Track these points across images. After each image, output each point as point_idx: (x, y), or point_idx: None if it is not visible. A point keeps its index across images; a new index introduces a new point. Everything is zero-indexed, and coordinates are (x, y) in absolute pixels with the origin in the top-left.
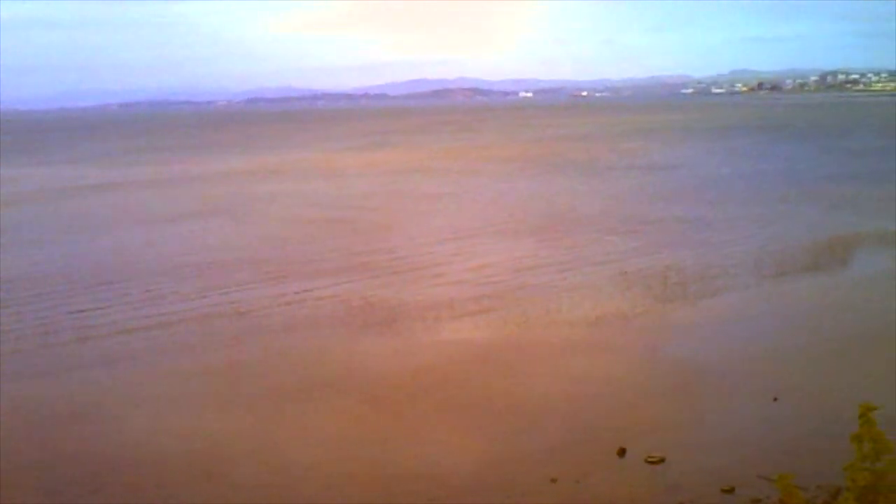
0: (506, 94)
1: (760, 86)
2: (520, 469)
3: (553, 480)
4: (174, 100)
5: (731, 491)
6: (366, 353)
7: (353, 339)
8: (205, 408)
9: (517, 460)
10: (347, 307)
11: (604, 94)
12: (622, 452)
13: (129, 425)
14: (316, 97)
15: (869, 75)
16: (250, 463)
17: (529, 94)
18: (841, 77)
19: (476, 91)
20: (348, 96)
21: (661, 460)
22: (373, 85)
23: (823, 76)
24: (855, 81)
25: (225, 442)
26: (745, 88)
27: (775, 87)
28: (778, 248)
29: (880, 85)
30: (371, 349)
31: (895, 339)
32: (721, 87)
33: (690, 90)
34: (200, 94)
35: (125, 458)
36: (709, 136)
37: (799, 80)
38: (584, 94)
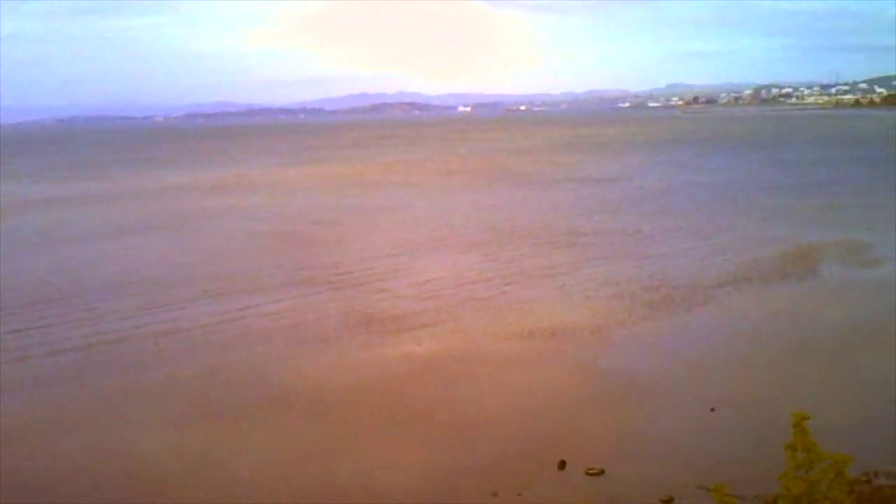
0: (444, 108)
1: (696, 99)
2: (461, 483)
3: (494, 494)
4: (111, 115)
5: (669, 501)
6: (307, 368)
7: (294, 355)
8: (144, 427)
9: (458, 474)
10: (289, 323)
11: (542, 107)
12: (563, 465)
13: (65, 446)
14: (253, 112)
15: (802, 89)
16: (190, 482)
17: (468, 109)
18: (774, 91)
19: (415, 105)
20: (286, 111)
21: (601, 472)
22: (311, 100)
23: (757, 90)
24: (788, 95)
25: (165, 461)
26: (680, 102)
27: (710, 101)
28: (715, 260)
29: (812, 99)
30: (312, 365)
31: (828, 348)
32: (657, 101)
33: (627, 104)
34: (138, 109)
35: (61, 479)
36: (646, 149)
37: (733, 94)
38: (523, 108)
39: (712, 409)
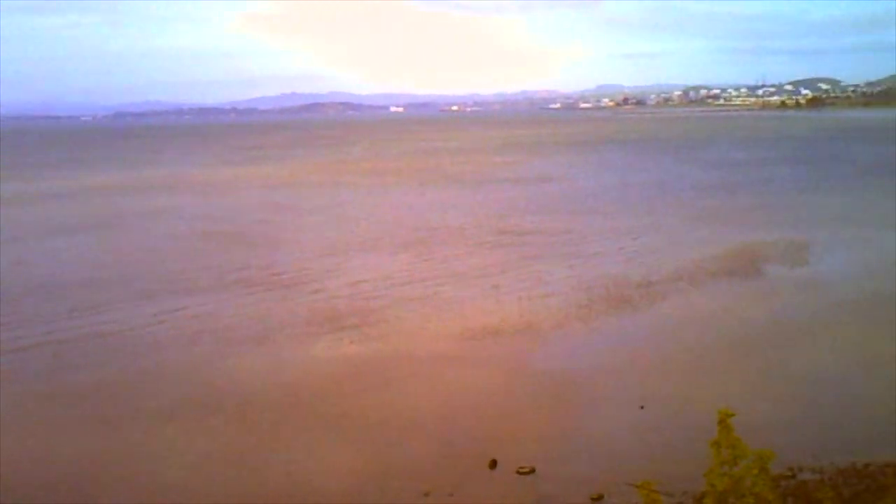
0: (377, 108)
1: (626, 100)
2: (393, 483)
3: (426, 494)
4: (35, 115)
5: (599, 499)
6: (239, 370)
7: (226, 357)
8: (70, 431)
9: (390, 475)
10: (222, 324)
11: (474, 108)
12: (494, 464)
13: None
14: (183, 112)
15: (729, 91)
16: (118, 486)
17: (401, 109)
18: (703, 92)
19: (348, 105)
20: (217, 111)
21: (532, 471)
22: (243, 99)
23: (686, 91)
24: (716, 96)
25: (92, 464)
26: (611, 103)
27: (640, 102)
28: (646, 260)
29: (740, 100)
30: (244, 366)
31: (755, 346)
32: (588, 102)
33: (558, 105)
34: (63, 108)
35: None
36: (577, 149)
37: (663, 95)
38: (455, 108)
39: (642, 407)
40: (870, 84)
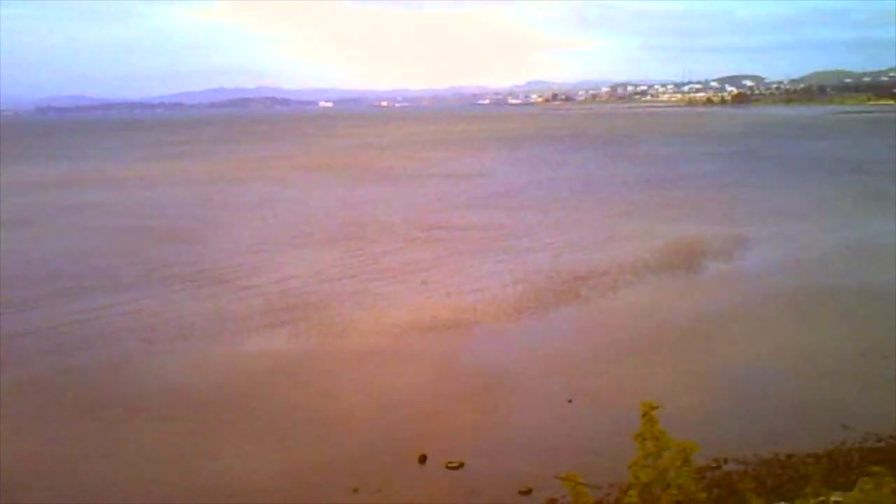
0: (305, 103)
1: (555, 97)
2: (321, 480)
3: (355, 490)
4: None
5: (528, 492)
6: (165, 368)
7: (152, 355)
8: None
9: (318, 471)
10: (148, 322)
11: (403, 104)
12: (423, 459)
13: None
14: (109, 106)
15: (656, 87)
16: (43, 486)
17: (329, 104)
18: (630, 88)
19: (275, 100)
20: (143, 105)
21: (461, 465)
22: (169, 94)
23: (614, 88)
24: (643, 93)
25: (13, 466)
26: (540, 99)
27: (569, 98)
28: (575, 255)
29: (666, 96)
30: (170, 364)
31: (681, 339)
32: (517, 98)
33: (487, 100)
34: None
35: None
36: (507, 145)
37: (591, 91)
38: (384, 103)
39: (569, 401)
40: (793, 81)
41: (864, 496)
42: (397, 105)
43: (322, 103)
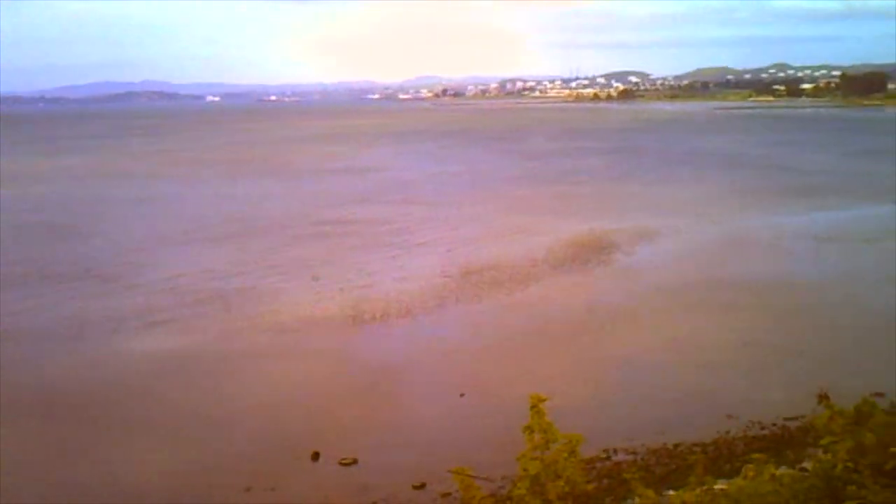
0: (193, 97)
1: (444, 92)
2: (212, 480)
3: (247, 489)
4: None
5: (422, 487)
6: (47, 369)
7: (33, 356)
8: None
9: (209, 471)
10: (29, 322)
11: (293, 98)
12: (316, 456)
13: None
14: None
15: (544, 83)
16: None
17: (217, 99)
18: (519, 84)
19: (162, 95)
20: (23, 100)
21: (354, 462)
22: (51, 88)
23: (503, 83)
24: (532, 88)
25: None
26: (430, 94)
27: (458, 94)
28: (466, 249)
29: (555, 92)
30: (55, 365)
31: (571, 332)
32: (407, 93)
33: (377, 95)
34: None
35: None
36: (397, 139)
37: (480, 87)
38: (273, 98)
39: (462, 395)
40: (677, 78)
41: (746, 483)
42: (286, 99)
43: (210, 98)
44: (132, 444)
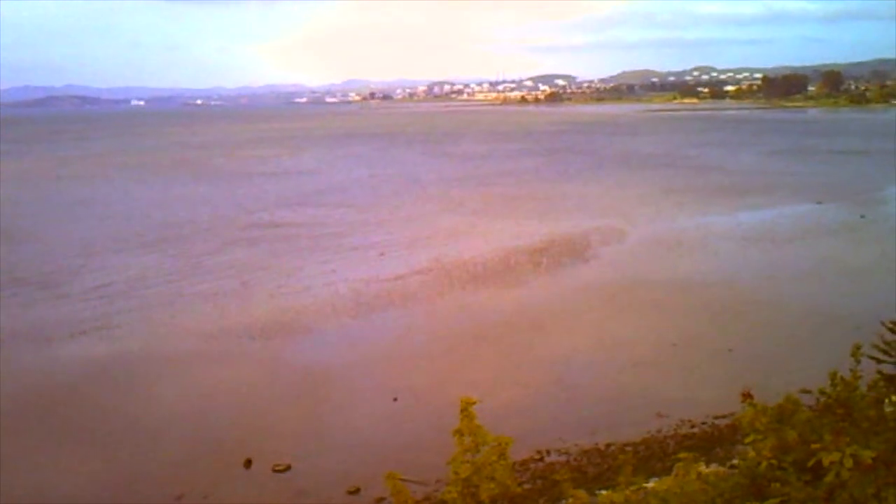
0: (117, 102)
1: (372, 95)
2: (144, 488)
3: (179, 497)
4: None
5: (356, 492)
6: None
7: None
8: None
9: (141, 479)
10: None
11: (219, 102)
12: (248, 463)
13: None
14: None
15: (472, 86)
16: None
17: (142, 103)
18: (447, 87)
19: (85, 99)
20: None
21: (288, 468)
22: None
23: (431, 86)
24: (460, 91)
25: None
26: (358, 97)
27: (387, 97)
28: (398, 253)
29: (482, 95)
30: None
31: (503, 334)
32: (335, 97)
33: (305, 99)
34: None
35: None
36: (326, 143)
37: (408, 90)
38: (199, 102)
39: (395, 399)
40: (602, 80)
41: (675, 482)
42: (212, 103)
43: (134, 102)
44: (61, 452)
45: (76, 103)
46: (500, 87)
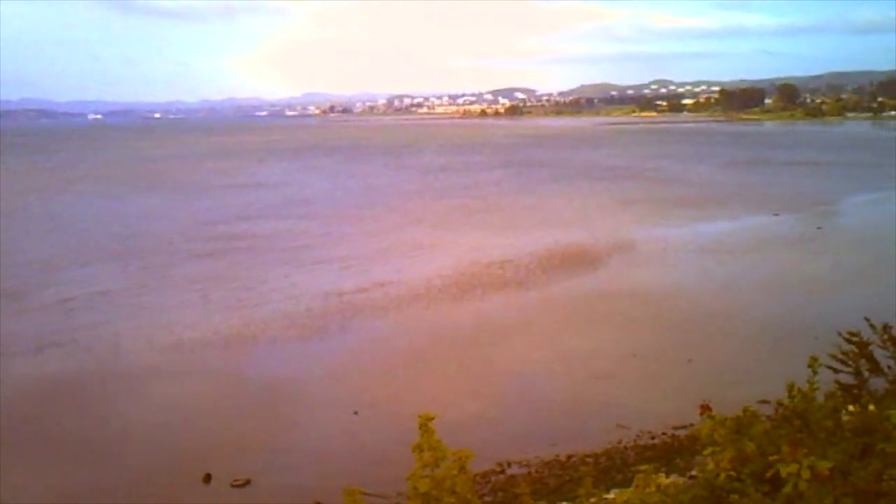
0: (73, 115)
1: (332, 108)
2: None
3: None
4: None
5: None
6: None
7: None
8: None
9: (96, 496)
10: None
11: (178, 115)
12: (208, 478)
13: None
14: None
15: (432, 99)
16: None
17: (99, 116)
18: (407, 101)
19: (42, 113)
20: None
21: (247, 483)
22: None
23: (391, 100)
24: (420, 105)
25: None
26: (317, 111)
27: (347, 110)
28: (361, 267)
29: (442, 108)
30: None
31: (460, 350)
32: (294, 110)
33: (265, 112)
34: None
35: None
36: (287, 156)
37: (368, 103)
38: (158, 115)
39: (356, 413)
40: (562, 94)
41: (636, 493)
42: (171, 117)
43: (91, 116)
44: (20, 467)
45: (32, 116)
46: (461, 101)
